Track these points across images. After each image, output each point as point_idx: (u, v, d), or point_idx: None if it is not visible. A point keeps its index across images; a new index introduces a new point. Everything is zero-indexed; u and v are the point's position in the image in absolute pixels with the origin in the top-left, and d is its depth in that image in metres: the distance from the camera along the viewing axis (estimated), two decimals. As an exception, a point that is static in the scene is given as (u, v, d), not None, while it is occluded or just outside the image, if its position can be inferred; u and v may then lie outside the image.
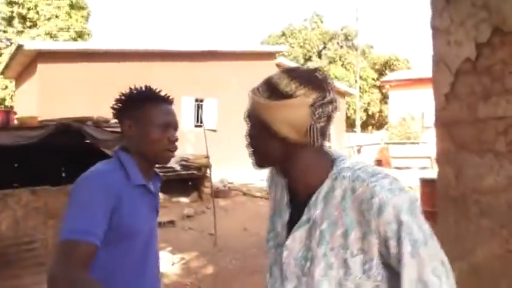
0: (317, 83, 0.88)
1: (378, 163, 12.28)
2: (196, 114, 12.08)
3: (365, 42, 28.33)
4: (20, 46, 10.15)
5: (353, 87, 20.96)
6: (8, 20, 18.67)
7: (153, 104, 1.27)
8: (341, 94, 15.78)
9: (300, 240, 0.91)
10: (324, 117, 0.88)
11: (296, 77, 0.88)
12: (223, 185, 8.37)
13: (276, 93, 0.88)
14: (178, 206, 7.00)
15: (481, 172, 2.01)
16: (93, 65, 10.43)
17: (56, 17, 18.39)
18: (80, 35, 18.91)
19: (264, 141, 0.91)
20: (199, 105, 12.21)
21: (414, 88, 16.12)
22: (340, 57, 27.06)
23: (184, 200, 7.44)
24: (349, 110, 23.43)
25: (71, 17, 18.91)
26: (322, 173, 0.91)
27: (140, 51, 11.28)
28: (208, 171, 6.79)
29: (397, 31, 50.29)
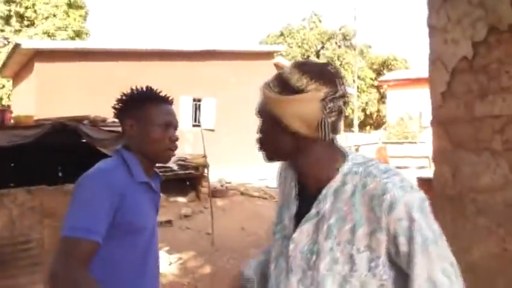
0: (328, 78, 0.88)
1: (376, 163, 12.26)
2: (194, 114, 12.05)
3: (363, 42, 28.39)
4: (17, 45, 10.11)
5: (351, 87, 20.96)
6: (5, 19, 18.60)
7: (154, 104, 1.30)
8: (339, 94, 15.73)
9: (307, 233, 0.90)
10: (335, 112, 0.88)
11: (307, 71, 0.88)
12: (220, 185, 8.35)
13: (287, 88, 0.87)
14: (175, 206, 6.98)
15: (478, 171, 2.01)
16: (91, 64, 10.39)
17: (54, 16, 18.32)
18: (78, 34, 18.84)
19: (275, 135, 0.91)
20: (197, 104, 12.19)
21: (412, 88, 16.12)
22: (338, 57, 27.07)
23: (181, 199, 7.42)
24: (347, 109, 23.42)
25: (69, 16, 18.85)
26: (333, 168, 0.90)
27: (138, 50, 11.25)
28: (205, 170, 6.78)
29: (395, 31, 50.46)
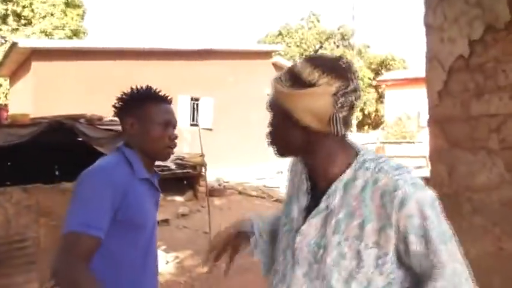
0: (340, 72, 0.87)
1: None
2: (192, 113, 12.03)
3: (362, 41, 28.38)
4: (14, 44, 10.07)
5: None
6: (2, 18, 18.50)
7: (154, 103, 1.33)
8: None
9: (315, 227, 0.90)
10: (347, 107, 0.87)
11: (319, 65, 0.87)
12: (218, 184, 8.34)
13: (298, 81, 0.87)
14: (172, 205, 6.97)
15: (474, 169, 2.01)
16: (88, 63, 10.36)
17: (51, 15, 18.25)
18: (75, 33, 18.78)
19: (286, 130, 0.90)
20: (195, 104, 12.17)
21: (410, 88, 16.13)
22: (336, 56, 27.03)
23: (179, 198, 7.41)
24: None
25: (66, 15, 18.77)
26: (344, 163, 0.90)
27: (136, 49, 11.22)
28: (203, 169, 6.77)
29: (393, 31, 50.51)
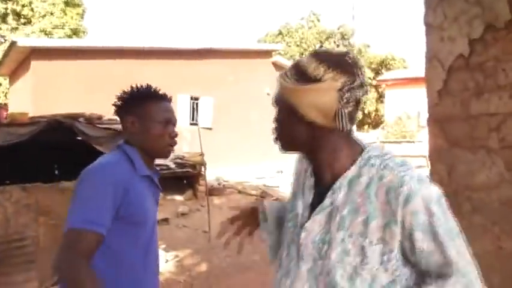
0: (346, 67, 0.87)
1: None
2: (192, 112, 12.02)
3: (362, 41, 28.35)
4: (13, 43, 10.06)
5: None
6: (2, 17, 18.48)
7: (154, 102, 1.34)
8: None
9: (320, 223, 0.90)
10: (352, 102, 0.87)
11: (325, 60, 0.87)
12: (218, 183, 8.34)
13: (304, 77, 0.87)
14: (172, 204, 6.97)
15: (473, 169, 2.01)
16: (88, 62, 10.35)
17: (51, 14, 18.22)
18: (75, 33, 18.75)
19: (291, 125, 0.90)
20: (195, 103, 12.16)
21: (410, 87, 16.13)
22: (336, 56, 27.00)
23: (178, 197, 7.41)
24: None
25: (66, 14, 18.74)
26: (349, 159, 0.90)
27: (135, 48, 11.21)
28: (203, 169, 6.77)
29: (394, 30, 50.48)
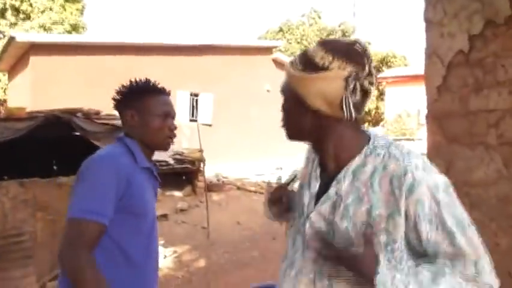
0: (354, 56, 0.86)
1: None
2: (192, 109, 12.00)
3: (363, 38, 28.29)
4: (12, 38, 10.01)
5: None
6: (0, 12, 18.40)
7: (152, 95, 1.36)
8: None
9: (325, 212, 0.90)
10: (359, 91, 0.86)
11: (332, 49, 0.86)
12: (217, 179, 8.33)
13: (311, 65, 0.86)
14: (171, 200, 6.96)
15: (472, 165, 2.00)
16: (87, 58, 10.32)
17: (50, 9, 18.14)
18: (74, 28, 18.68)
19: (298, 114, 0.90)
20: (195, 99, 12.13)
21: (411, 85, 16.10)
22: (337, 53, 26.92)
23: (177, 193, 7.40)
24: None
25: (65, 9, 18.66)
26: (355, 149, 0.89)
27: (135, 44, 11.17)
28: (202, 165, 6.76)
29: (395, 28, 50.30)
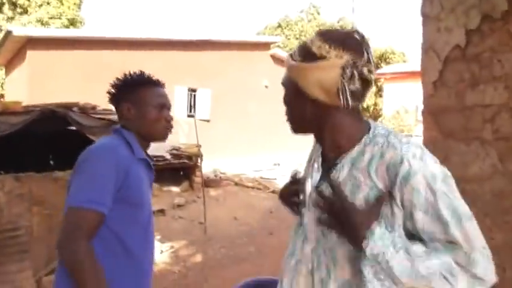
0: (351, 45, 0.86)
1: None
2: (189, 104, 11.96)
3: (361, 34, 28.23)
4: (9, 32, 9.94)
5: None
6: (-2, 6, 18.25)
7: (147, 87, 1.37)
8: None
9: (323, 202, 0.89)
10: (357, 80, 0.86)
11: (329, 39, 0.87)
12: (214, 175, 8.33)
13: (309, 55, 0.88)
14: (168, 195, 6.96)
15: (467, 160, 2.00)
16: (84, 52, 10.26)
17: (48, 3, 18.00)
18: (72, 23, 18.54)
19: (298, 105, 0.91)
20: (193, 94, 12.10)
21: (409, 81, 16.09)
22: (336, 49, 26.85)
23: (174, 189, 7.39)
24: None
25: (63, 4, 18.51)
26: (354, 138, 0.89)
27: (133, 39, 11.11)
28: (199, 160, 6.75)
29: (394, 24, 50.19)
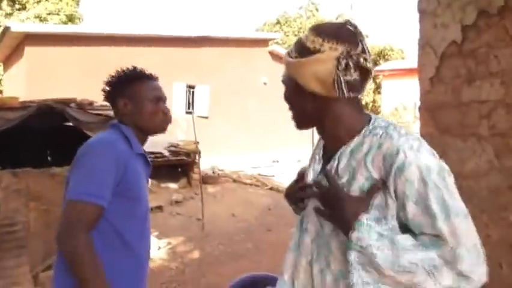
0: (345, 36, 0.87)
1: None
2: (188, 101, 11.94)
3: (360, 31, 28.16)
4: (6, 28, 9.89)
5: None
6: (-4, 2, 18.15)
7: (142, 82, 1.38)
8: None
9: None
10: (353, 70, 0.87)
11: (322, 32, 0.89)
12: (212, 172, 8.32)
13: (304, 50, 0.89)
14: (166, 192, 6.96)
15: (464, 156, 2.00)
16: (82, 48, 10.22)
17: (46, 0, 17.93)
18: (70, 19, 18.45)
19: (298, 100, 0.93)
20: (191, 91, 12.07)
21: (408, 78, 16.08)
22: (335, 46, 26.80)
23: (172, 185, 7.39)
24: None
25: (61, 0, 18.44)
26: (354, 128, 0.90)
27: (131, 35, 11.06)
28: (197, 157, 6.75)
29: (392, 21, 50.07)
